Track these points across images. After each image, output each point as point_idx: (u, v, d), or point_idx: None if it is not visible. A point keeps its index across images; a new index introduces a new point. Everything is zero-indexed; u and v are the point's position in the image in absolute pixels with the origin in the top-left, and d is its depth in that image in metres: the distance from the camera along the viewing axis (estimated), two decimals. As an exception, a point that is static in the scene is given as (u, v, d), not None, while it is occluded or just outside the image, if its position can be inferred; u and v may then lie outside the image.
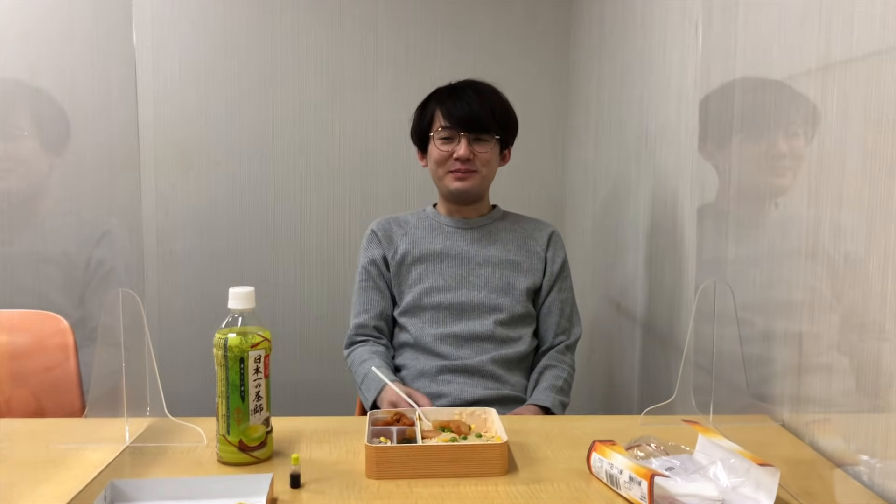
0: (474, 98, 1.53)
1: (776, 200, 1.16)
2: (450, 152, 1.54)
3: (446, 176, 1.56)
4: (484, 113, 1.52)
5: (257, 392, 1.00)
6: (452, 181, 1.55)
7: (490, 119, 1.53)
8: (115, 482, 0.89)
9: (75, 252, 1.52)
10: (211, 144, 2.47)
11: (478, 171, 1.55)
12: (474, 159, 1.53)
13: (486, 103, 1.53)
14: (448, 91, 1.58)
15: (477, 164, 1.54)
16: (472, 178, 1.55)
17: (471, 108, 1.52)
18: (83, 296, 1.57)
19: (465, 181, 1.55)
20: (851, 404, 0.96)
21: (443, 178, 1.57)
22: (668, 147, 1.66)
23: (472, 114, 1.51)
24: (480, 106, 1.52)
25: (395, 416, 1.08)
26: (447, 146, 1.54)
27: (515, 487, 0.93)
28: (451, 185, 1.56)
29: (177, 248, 2.49)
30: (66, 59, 1.52)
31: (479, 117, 1.52)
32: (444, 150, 1.54)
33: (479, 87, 1.57)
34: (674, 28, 1.62)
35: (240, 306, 1.00)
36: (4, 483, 0.96)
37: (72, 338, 1.48)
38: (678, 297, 1.59)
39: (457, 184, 1.55)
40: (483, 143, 1.54)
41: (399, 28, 2.49)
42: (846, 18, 0.96)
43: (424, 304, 1.55)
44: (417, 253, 1.58)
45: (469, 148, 1.52)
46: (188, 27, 2.42)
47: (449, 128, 1.53)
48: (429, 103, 1.60)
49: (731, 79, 1.30)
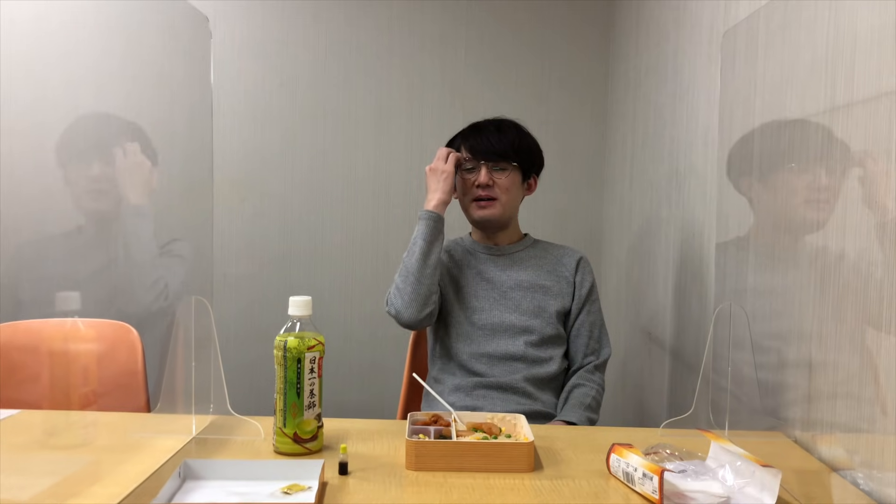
0: (494, 132, 1.68)
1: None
2: (472, 181, 1.67)
3: (471, 205, 1.69)
4: (502, 145, 1.66)
5: (311, 390, 1.12)
6: (476, 210, 1.68)
7: (508, 148, 1.66)
8: (188, 461, 1.01)
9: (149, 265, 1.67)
10: (264, 177, 2.65)
11: (497, 198, 1.66)
12: (494, 186, 1.65)
13: (506, 137, 1.67)
14: (471, 129, 1.73)
15: (497, 191, 1.66)
16: (492, 206, 1.67)
17: (490, 140, 1.66)
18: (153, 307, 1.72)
19: (487, 209, 1.67)
20: (857, 422, 1.03)
21: (468, 208, 1.70)
22: (696, 185, 1.76)
23: (490, 145, 1.66)
24: (500, 139, 1.67)
25: (432, 418, 1.19)
26: (471, 175, 1.67)
27: (540, 482, 1.03)
28: (475, 214, 1.69)
29: (231, 272, 2.66)
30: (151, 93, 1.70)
31: (497, 148, 1.66)
32: (469, 179, 1.68)
33: (500, 124, 1.71)
34: (702, 73, 1.74)
35: (298, 313, 1.13)
36: (90, 461, 1.09)
37: (140, 345, 1.64)
38: (704, 327, 1.67)
39: (480, 212, 1.68)
40: (501, 172, 1.66)
41: (444, 71, 2.66)
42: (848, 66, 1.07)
43: (462, 321, 1.66)
44: (456, 272, 1.70)
45: (489, 175, 1.65)
46: (247, 66, 2.62)
47: (470, 159, 1.67)
48: (454, 141, 1.74)
49: (750, 124, 1.41)
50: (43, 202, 1.84)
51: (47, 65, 1.71)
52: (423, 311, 1.59)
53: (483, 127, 1.71)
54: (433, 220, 1.62)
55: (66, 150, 1.72)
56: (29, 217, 1.84)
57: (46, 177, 1.76)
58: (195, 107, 1.50)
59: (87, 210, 1.77)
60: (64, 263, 1.79)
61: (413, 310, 1.58)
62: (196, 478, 1.01)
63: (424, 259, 1.59)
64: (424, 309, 1.59)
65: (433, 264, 1.60)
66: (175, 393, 1.25)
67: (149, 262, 1.68)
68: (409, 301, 1.58)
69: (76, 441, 1.19)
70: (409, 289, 1.58)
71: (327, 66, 2.66)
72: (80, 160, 1.71)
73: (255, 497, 0.95)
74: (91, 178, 1.72)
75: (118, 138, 1.62)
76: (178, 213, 1.70)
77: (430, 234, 1.61)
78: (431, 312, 1.62)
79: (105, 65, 1.76)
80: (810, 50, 1.18)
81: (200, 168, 1.52)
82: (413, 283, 1.58)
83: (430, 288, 1.59)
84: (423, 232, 1.61)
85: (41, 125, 1.71)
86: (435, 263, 1.60)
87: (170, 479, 0.96)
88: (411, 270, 1.59)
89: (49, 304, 1.24)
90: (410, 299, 1.58)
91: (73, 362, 1.22)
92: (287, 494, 0.96)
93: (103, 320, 1.66)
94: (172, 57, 1.76)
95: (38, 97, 1.73)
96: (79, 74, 1.71)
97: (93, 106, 1.79)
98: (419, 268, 1.59)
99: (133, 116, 1.74)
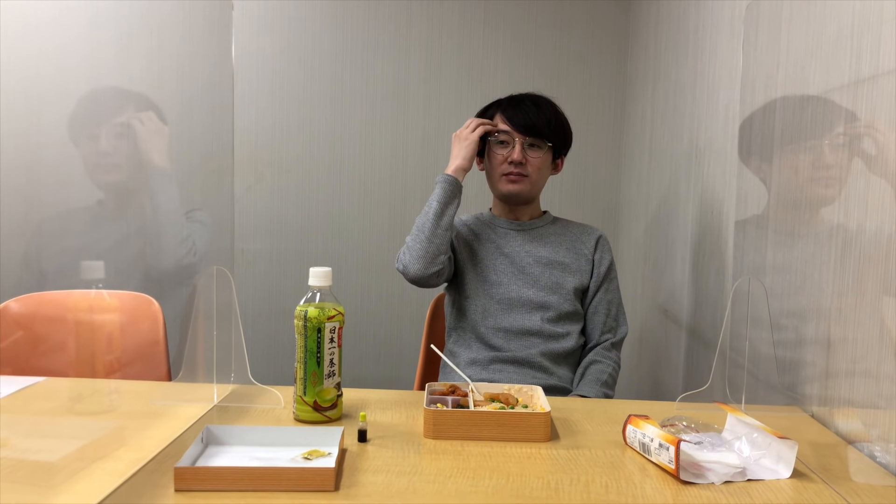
0: (532, 107, 1.67)
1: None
2: (505, 156, 1.66)
3: (500, 179, 1.68)
4: (540, 121, 1.65)
5: (331, 359, 1.13)
6: (505, 184, 1.68)
7: (545, 127, 1.66)
8: (210, 427, 1.03)
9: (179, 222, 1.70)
10: (282, 153, 2.67)
11: (529, 175, 1.67)
12: (526, 164, 1.65)
13: (543, 114, 1.67)
14: (509, 100, 1.71)
15: (529, 169, 1.66)
16: (522, 183, 1.67)
17: (528, 115, 1.65)
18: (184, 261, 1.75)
19: (517, 184, 1.67)
20: (875, 397, 1.03)
21: (497, 181, 1.70)
22: (715, 162, 1.75)
23: (529, 120, 1.65)
24: (538, 115, 1.66)
25: (450, 388, 1.20)
26: (503, 150, 1.67)
27: (556, 451, 1.04)
28: (503, 188, 1.69)
29: (248, 247, 2.68)
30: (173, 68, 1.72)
31: (536, 124, 1.65)
32: (500, 154, 1.67)
33: (537, 100, 1.70)
34: (723, 48, 1.72)
35: (319, 283, 1.14)
36: (115, 427, 1.12)
37: (161, 316, 1.67)
38: (721, 304, 1.67)
39: (509, 186, 1.68)
40: (536, 150, 1.66)
41: (461, 47, 2.65)
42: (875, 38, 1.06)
43: (480, 294, 1.67)
44: (476, 245, 1.71)
45: (523, 152, 1.65)
46: (267, 43, 2.63)
47: (507, 131, 1.66)
48: (489, 109, 1.73)
49: (772, 97, 1.39)
50: (64, 177, 1.86)
51: (69, 38, 1.73)
52: (429, 268, 1.59)
53: (521, 100, 1.70)
54: (450, 183, 1.62)
55: (77, 126, 1.75)
56: (51, 192, 1.87)
57: (67, 151, 1.78)
58: (216, 82, 1.51)
59: (104, 184, 1.79)
60: (86, 236, 1.81)
61: (420, 265, 1.58)
62: (218, 443, 1.03)
63: (437, 219, 1.60)
64: (431, 267, 1.59)
65: (445, 225, 1.60)
66: (196, 362, 1.27)
67: (179, 219, 1.71)
68: (418, 257, 1.58)
69: (101, 407, 1.22)
70: (419, 246, 1.59)
71: (345, 43, 2.65)
72: (91, 136, 1.73)
73: (276, 462, 0.96)
74: (103, 152, 1.74)
75: (129, 110, 1.64)
76: (199, 187, 1.72)
77: (446, 196, 1.61)
78: (439, 272, 1.62)
79: (126, 38, 1.77)
80: (836, 21, 1.16)
81: (221, 143, 1.54)
82: (423, 241, 1.59)
83: (440, 248, 1.59)
84: (438, 194, 1.62)
85: (63, 97, 1.73)
86: (447, 225, 1.61)
87: (193, 443, 0.98)
88: (423, 229, 1.60)
89: (73, 276, 1.26)
90: (419, 255, 1.58)
91: (97, 330, 1.24)
92: (307, 460, 0.98)
93: (125, 292, 1.69)
94: (194, 32, 1.77)
95: (59, 71, 1.74)
96: (100, 48, 1.72)
97: (115, 80, 1.80)
98: (431, 227, 1.59)
99: (154, 90, 1.76)
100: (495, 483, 0.92)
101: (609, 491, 0.91)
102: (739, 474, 0.95)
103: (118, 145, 1.71)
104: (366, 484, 0.91)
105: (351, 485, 0.91)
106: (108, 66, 1.69)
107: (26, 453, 1.01)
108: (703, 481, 0.93)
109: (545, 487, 0.91)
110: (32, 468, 0.94)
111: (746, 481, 0.94)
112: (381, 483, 0.92)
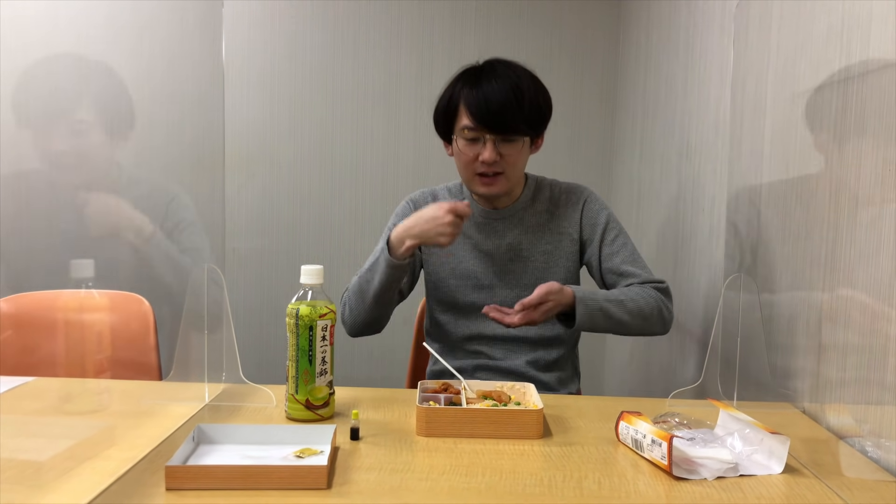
0: (499, 91, 1.41)
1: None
2: (475, 155, 1.45)
3: (473, 179, 1.49)
4: (511, 110, 1.41)
5: (323, 357, 1.13)
6: (480, 186, 1.49)
7: (517, 117, 1.42)
8: (202, 426, 1.03)
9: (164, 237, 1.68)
10: (273, 151, 2.66)
11: (504, 172, 1.46)
12: (501, 160, 1.45)
13: (514, 97, 1.41)
14: (467, 80, 1.46)
15: (504, 164, 1.45)
16: (499, 183, 1.48)
17: (497, 106, 1.40)
18: (166, 279, 1.73)
19: (493, 186, 1.48)
20: (867, 392, 1.04)
21: (470, 181, 1.51)
22: (706, 159, 1.75)
23: (499, 115, 1.41)
24: (507, 102, 1.40)
25: (442, 386, 1.20)
26: (472, 148, 1.45)
27: (549, 448, 1.04)
28: (478, 190, 1.50)
29: (240, 246, 2.67)
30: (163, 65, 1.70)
31: (506, 115, 1.41)
32: (470, 154, 1.46)
33: (505, 75, 1.44)
34: (714, 46, 1.73)
35: (310, 281, 1.14)
36: (105, 426, 1.11)
37: (152, 316, 1.65)
38: (711, 303, 1.67)
39: (483, 189, 1.49)
40: (510, 144, 1.44)
41: (452, 46, 2.64)
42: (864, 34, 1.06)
43: (457, 298, 1.55)
44: None
45: (495, 150, 1.43)
46: (258, 41, 2.62)
47: (473, 129, 1.44)
48: (452, 94, 1.48)
49: (762, 94, 1.40)
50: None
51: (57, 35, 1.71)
52: (368, 331, 1.53)
53: (485, 84, 1.42)
54: (396, 269, 1.43)
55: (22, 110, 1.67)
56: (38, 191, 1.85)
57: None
58: (207, 81, 1.50)
59: (60, 184, 1.74)
60: (71, 234, 1.79)
61: (357, 330, 1.53)
62: (209, 442, 1.02)
63: (378, 298, 1.47)
64: (369, 330, 1.53)
65: (387, 301, 1.50)
66: (187, 362, 1.26)
67: (171, 260, 1.65)
68: (360, 324, 1.52)
69: (91, 407, 1.21)
70: (363, 313, 1.50)
71: (336, 41, 2.65)
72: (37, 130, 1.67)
73: (268, 460, 0.96)
74: (55, 152, 1.68)
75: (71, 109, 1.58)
76: (190, 186, 1.71)
77: (389, 281, 1.45)
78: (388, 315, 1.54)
79: (114, 36, 1.76)
80: (825, 19, 1.17)
81: (212, 142, 1.52)
82: (365, 311, 1.50)
83: (386, 309, 1.52)
84: (381, 279, 1.44)
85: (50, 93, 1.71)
86: (390, 298, 1.50)
87: (184, 442, 0.97)
88: (364, 297, 1.48)
89: (62, 274, 1.25)
90: (361, 321, 1.51)
91: (87, 329, 1.23)
92: (299, 458, 0.97)
93: (115, 291, 1.67)
94: (184, 30, 1.76)
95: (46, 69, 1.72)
96: (88, 45, 1.70)
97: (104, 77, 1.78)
98: (372, 304, 1.48)
99: (143, 88, 1.74)
100: (488, 480, 0.92)
101: (602, 487, 0.91)
102: (732, 470, 0.95)
103: (65, 146, 1.66)
104: (358, 482, 0.91)
105: (343, 483, 0.90)
106: (97, 63, 1.68)
107: (15, 453, 1.00)
108: (696, 477, 0.94)
109: (538, 484, 0.91)
110: (21, 467, 0.94)
111: (739, 477, 0.94)
112: (374, 481, 0.91)
